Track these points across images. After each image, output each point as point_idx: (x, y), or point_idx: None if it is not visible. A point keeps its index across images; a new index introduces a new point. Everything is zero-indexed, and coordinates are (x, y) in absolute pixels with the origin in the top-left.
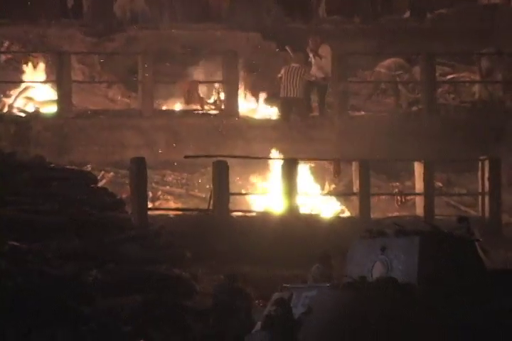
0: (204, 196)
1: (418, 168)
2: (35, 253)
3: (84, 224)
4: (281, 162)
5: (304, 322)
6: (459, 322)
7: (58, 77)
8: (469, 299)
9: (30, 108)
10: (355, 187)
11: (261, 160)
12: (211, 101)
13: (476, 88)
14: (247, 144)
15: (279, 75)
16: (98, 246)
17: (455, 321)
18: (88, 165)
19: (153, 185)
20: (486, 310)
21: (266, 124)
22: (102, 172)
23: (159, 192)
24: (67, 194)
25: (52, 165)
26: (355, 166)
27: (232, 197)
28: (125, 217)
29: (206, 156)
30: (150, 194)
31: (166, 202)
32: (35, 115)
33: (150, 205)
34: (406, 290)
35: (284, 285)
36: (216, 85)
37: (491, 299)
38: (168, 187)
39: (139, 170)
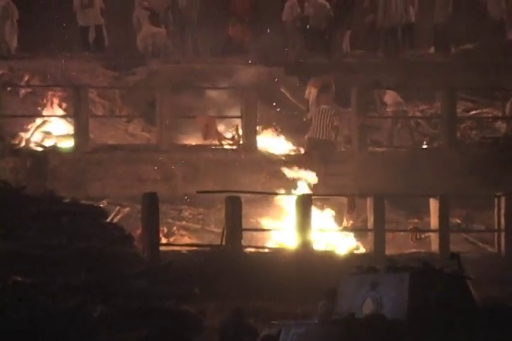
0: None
1: (433, 204)
2: (39, 287)
3: (92, 258)
4: (295, 197)
5: None
6: None
7: (75, 111)
8: (460, 336)
9: (47, 142)
10: (370, 223)
11: (279, 196)
12: (229, 136)
13: (498, 124)
14: (266, 179)
15: (309, 116)
16: (105, 281)
17: None
18: (104, 200)
19: (170, 220)
20: None
21: (284, 159)
22: (118, 207)
23: (174, 228)
24: (76, 228)
25: (64, 199)
26: (369, 202)
27: (248, 233)
28: (133, 252)
29: (218, 192)
30: (165, 229)
31: (181, 238)
32: (52, 149)
33: (165, 241)
34: (395, 327)
35: (273, 321)
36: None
37: (481, 336)
38: (184, 222)
39: (151, 205)
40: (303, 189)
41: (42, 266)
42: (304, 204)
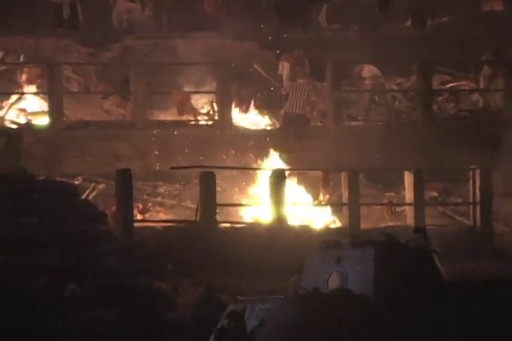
0: None
1: (408, 178)
2: (9, 266)
3: (63, 236)
4: (269, 172)
5: (257, 334)
6: (415, 333)
7: (49, 88)
8: (426, 309)
9: (22, 120)
10: (345, 198)
11: (254, 171)
12: (204, 111)
13: (475, 97)
14: (240, 154)
15: (283, 91)
16: (77, 259)
17: (411, 332)
18: (79, 177)
19: (145, 196)
20: (443, 320)
21: (260, 134)
22: (93, 184)
23: (150, 204)
24: (48, 206)
25: (37, 177)
26: (344, 176)
27: (225, 209)
28: (106, 229)
29: (192, 167)
30: (140, 206)
31: (156, 214)
32: (27, 127)
33: (140, 217)
34: (360, 302)
35: (239, 297)
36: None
37: (448, 310)
38: (159, 198)
39: (124, 181)
40: (278, 164)
41: (13, 245)
42: (278, 179)
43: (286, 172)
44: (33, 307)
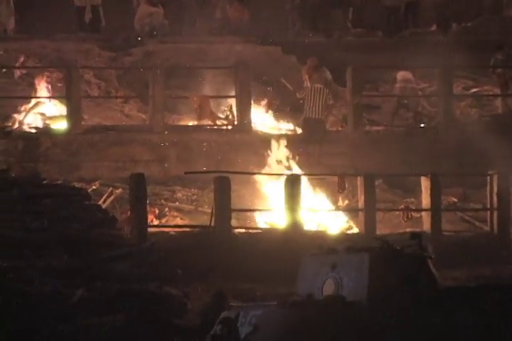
0: None
1: (425, 183)
2: (16, 271)
3: (73, 241)
4: (284, 178)
5: None
6: (409, 339)
7: (68, 92)
8: (421, 316)
9: (40, 124)
10: (361, 203)
11: (272, 176)
12: (223, 116)
13: (498, 102)
14: (260, 159)
15: (299, 95)
16: (87, 264)
17: (404, 339)
18: (96, 182)
19: (162, 201)
20: (438, 327)
21: (280, 139)
22: (111, 188)
23: (166, 209)
24: (59, 211)
25: (53, 181)
26: (360, 181)
27: (243, 215)
28: (116, 234)
29: (206, 172)
30: (157, 210)
31: (173, 219)
32: (45, 131)
33: (156, 222)
34: (354, 308)
35: (232, 304)
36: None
37: (443, 316)
38: (177, 203)
39: (138, 186)
40: (297, 169)
41: (21, 250)
42: (293, 184)
43: (305, 178)
44: (38, 311)
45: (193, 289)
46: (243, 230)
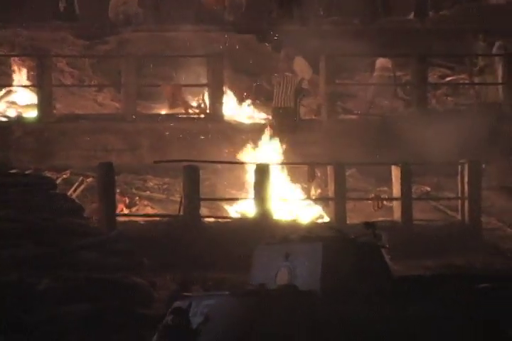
0: None
1: (395, 172)
2: None
3: (40, 230)
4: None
5: (201, 331)
6: (362, 329)
7: (39, 80)
8: (374, 305)
9: (12, 113)
10: (331, 192)
11: (245, 165)
12: (195, 105)
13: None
14: (232, 148)
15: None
16: (52, 253)
17: (358, 328)
18: (67, 171)
19: (134, 190)
20: (391, 317)
21: (252, 128)
22: (81, 177)
23: (137, 198)
24: (25, 200)
25: (15, 171)
26: (330, 170)
27: (214, 204)
28: (83, 223)
29: (175, 161)
30: (127, 199)
31: (143, 208)
32: (17, 120)
33: (127, 211)
34: (306, 298)
35: (185, 293)
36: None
37: (396, 305)
38: (148, 192)
39: (106, 175)
40: (269, 158)
41: None
42: (262, 173)
43: (277, 166)
44: (3, 301)
45: (160, 279)
46: (212, 219)
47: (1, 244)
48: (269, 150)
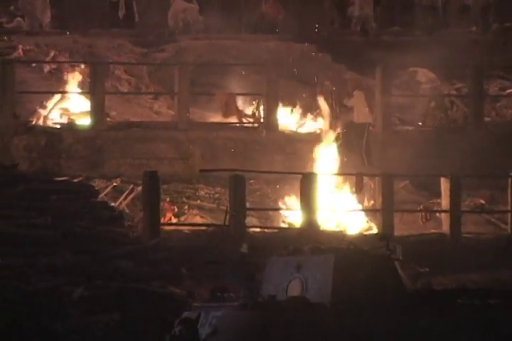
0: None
1: (445, 185)
2: (19, 267)
3: (77, 238)
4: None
5: None
6: None
7: (92, 87)
8: (385, 319)
9: (64, 120)
10: (378, 204)
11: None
12: (250, 113)
13: None
14: (286, 159)
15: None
16: (89, 262)
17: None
18: (118, 179)
19: (184, 199)
20: (404, 331)
21: (307, 138)
22: (132, 185)
23: (186, 207)
24: (64, 207)
25: (55, 177)
26: (378, 182)
27: (265, 214)
28: (121, 232)
29: (221, 170)
30: (175, 208)
31: (192, 217)
32: (68, 127)
33: (175, 220)
34: (316, 310)
35: (195, 304)
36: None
37: (409, 319)
38: (198, 201)
39: (151, 183)
40: (323, 168)
41: (26, 247)
42: (309, 183)
43: (331, 176)
44: (36, 309)
45: (199, 289)
46: (258, 229)
47: (38, 251)
48: (324, 160)
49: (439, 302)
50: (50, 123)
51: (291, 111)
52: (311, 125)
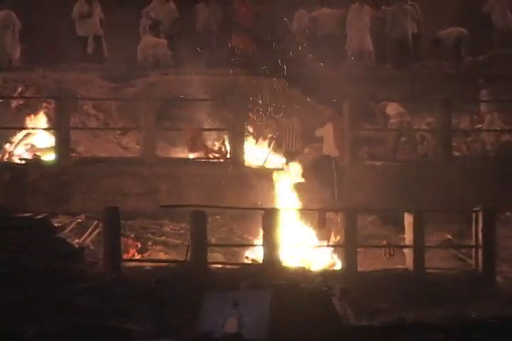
0: None
1: (408, 219)
2: None
3: (35, 274)
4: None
5: None
6: None
7: (57, 123)
8: None
9: (29, 155)
10: (341, 239)
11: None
12: (216, 148)
13: (506, 137)
14: (252, 194)
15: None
16: (45, 298)
17: None
18: (82, 215)
19: (149, 235)
20: None
21: (272, 173)
22: (96, 221)
23: (150, 243)
24: (21, 243)
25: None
26: (340, 217)
27: (230, 250)
28: (79, 268)
29: (182, 206)
30: (139, 244)
31: (155, 253)
32: (33, 162)
33: (138, 256)
34: None
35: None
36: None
37: None
38: (163, 237)
39: (111, 219)
40: (286, 203)
41: None
42: (271, 219)
43: (293, 212)
44: None
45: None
46: (219, 266)
47: None
48: (286, 195)
49: (377, 338)
50: (15, 158)
51: (258, 145)
52: (278, 159)
